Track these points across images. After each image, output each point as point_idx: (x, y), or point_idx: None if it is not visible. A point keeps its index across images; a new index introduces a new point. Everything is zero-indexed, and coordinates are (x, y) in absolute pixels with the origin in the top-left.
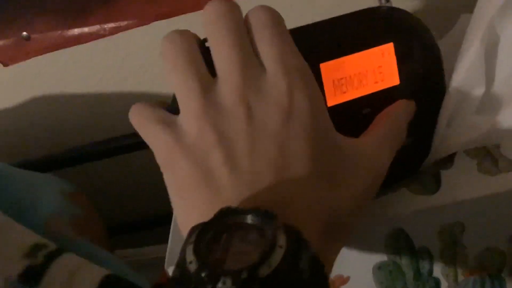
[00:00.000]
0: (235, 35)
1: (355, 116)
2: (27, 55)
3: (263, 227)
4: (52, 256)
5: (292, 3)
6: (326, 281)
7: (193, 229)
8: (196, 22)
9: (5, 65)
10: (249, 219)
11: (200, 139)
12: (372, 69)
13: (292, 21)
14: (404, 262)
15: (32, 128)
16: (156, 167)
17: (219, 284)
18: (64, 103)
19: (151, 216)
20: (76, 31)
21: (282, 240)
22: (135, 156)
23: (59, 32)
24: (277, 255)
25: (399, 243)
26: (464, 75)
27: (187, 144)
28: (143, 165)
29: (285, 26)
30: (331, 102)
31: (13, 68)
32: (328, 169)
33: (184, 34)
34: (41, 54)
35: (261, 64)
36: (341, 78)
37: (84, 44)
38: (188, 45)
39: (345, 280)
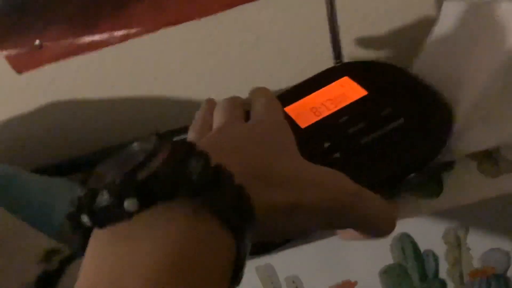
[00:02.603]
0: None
1: (333, 126)
2: (40, 63)
3: (147, 147)
4: (66, 261)
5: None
6: (223, 180)
7: None
8: (202, 29)
9: (19, 73)
10: (136, 146)
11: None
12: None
13: None
14: (410, 265)
15: (45, 134)
16: None
17: (98, 198)
18: (77, 109)
19: None
20: (86, 39)
21: (165, 148)
22: None
23: (70, 40)
24: (157, 160)
25: (405, 247)
26: (481, 89)
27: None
28: None
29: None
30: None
31: (27, 75)
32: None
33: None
34: (53, 62)
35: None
36: (311, 108)
37: (95, 51)
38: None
39: (352, 284)
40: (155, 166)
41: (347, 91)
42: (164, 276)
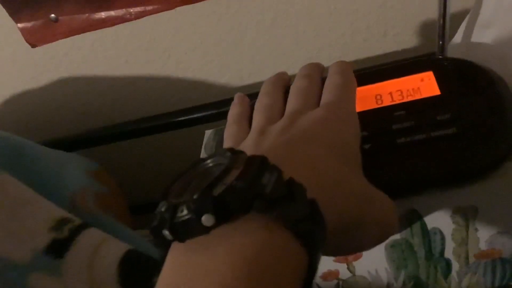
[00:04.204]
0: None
1: (383, 117)
2: (55, 37)
3: (222, 162)
4: (77, 230)
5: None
6: (296, 194)
7: None
8: (218, 8)
9: (33, 46)
10: (211, 161)
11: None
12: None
13: None
14: (417, 241)
15: (58, 109)
16: (177, 149)
17: (178, 213)
18: (89, 85)
19: None
20: (102, 14)
21: (239, 163)
22: (157, 138)
23: (86, 15)
24: (232, 175)
25: (412, 223)
26: None
27: None
28: (164, 147)
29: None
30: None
31: (41, 49)
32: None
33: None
34: (68, 36)
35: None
36: (376, 95)
37: (110, 27)
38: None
39: (358, 256)
40: (229, 181)
41: (422, 87)
42: (241, 283)
